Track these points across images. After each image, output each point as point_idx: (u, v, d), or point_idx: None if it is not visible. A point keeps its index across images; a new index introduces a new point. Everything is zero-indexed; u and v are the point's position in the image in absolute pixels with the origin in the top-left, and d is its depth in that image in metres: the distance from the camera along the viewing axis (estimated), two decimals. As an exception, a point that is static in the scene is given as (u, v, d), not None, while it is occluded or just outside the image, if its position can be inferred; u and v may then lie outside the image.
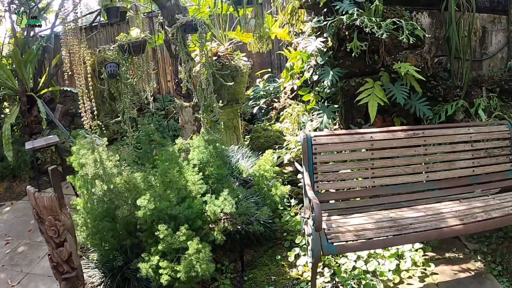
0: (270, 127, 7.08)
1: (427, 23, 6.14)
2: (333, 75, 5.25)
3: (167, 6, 5.24)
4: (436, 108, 5.92)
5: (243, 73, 6.80)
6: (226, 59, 6.85)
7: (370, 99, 5.27)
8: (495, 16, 6.67)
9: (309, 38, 5.56)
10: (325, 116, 5.39)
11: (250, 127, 7.92)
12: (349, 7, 5.27)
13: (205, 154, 4.83)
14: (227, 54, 6.90)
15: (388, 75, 5.44)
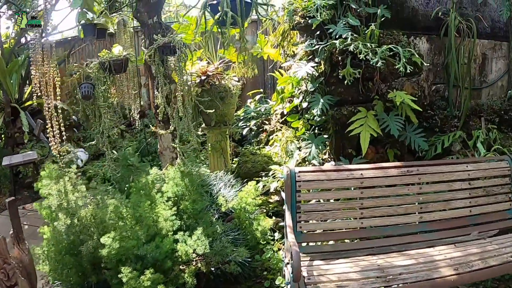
0: (259, 151, 6.56)
1: (425, 48, 5.62)
2: (323, 104, 4.73)
3: (148, 24, 4.73)
4: (432, 139, 5.41)
5: (233, 94, 6.30)
6: (216, 79, 6.34)
7: (363, 130, 4.75)
8: (496, 42, 6.17)
9: (300, 62, 5.05)
10: (313, 147, 4.87)
11: (239, 149, 7.39)
12: (343, 30, 4.75)
13: (180, 187, 4.31)
14: (217, 74, 6.39)
15: (382, 104, 4.93)
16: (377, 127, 4.77)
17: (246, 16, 4.67)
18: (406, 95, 4.83)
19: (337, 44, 4.60)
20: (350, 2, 5.03)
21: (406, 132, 5.03)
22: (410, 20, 5.57)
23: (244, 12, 4.54)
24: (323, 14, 4.89)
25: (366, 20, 5.22)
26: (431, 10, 5.66)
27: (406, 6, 5.57)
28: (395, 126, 4.77)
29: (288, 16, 5.13)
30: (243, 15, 4.56)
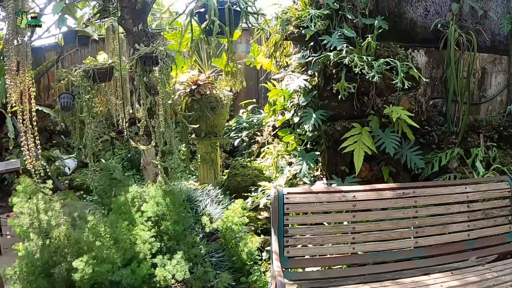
0: (250, 163, 6.22)
1: (423, 62, 5.30)
2: (315, 119, 4.40)
3: (133, 31, 4.40)
4: (429, 156, 5.09)
5: (224, 104, 5.96)
6: (207, 88, 6.00)
7: (357, 147, 4.43)
8: (496, 56, 5.85)
9: (292, 75, 4.72)
10: (304, 164, 4.53)
11: (230, 160, 7.05)
12: (338, 42, 4.43)
13: (161, 206, 3.97)
14: (208, 83, 6.06)
15: (378, 120, 4.60)
16: (371, 145, 4.45)
17: (235, 26, 4.34)
18: (402, 111, 4.52)
19: (332, 56, 4.28)
20: (346, 13, 4.71)
21: (402, 150, 4.71)
22: (408, 32, 5.25)
23: (233, 21, 4.22)
24: (317, 25, 4.57)
25: (363, 31, 4.91)
26: (430, 22, 5.34)
27: (404, 18, 5.24)
28: (391, 144, 4.45)
29: (281, 26, 4.80)
30: (232, 25, 4.23)
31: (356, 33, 4.86)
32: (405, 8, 5.25)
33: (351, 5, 4.81)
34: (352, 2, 4.81)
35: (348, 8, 4.78)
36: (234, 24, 4.27)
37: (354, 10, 4.85)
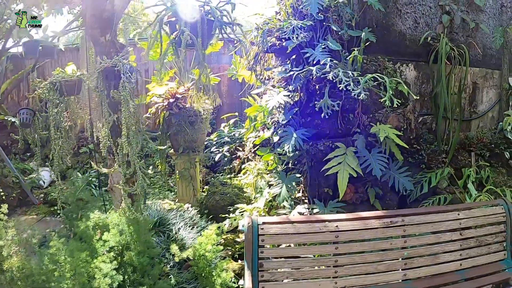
0: (230, 180, 5.75)
1: (412, 76, 4.86)
2: (296, 139, 3.93)
3: (100, 42, 3.91)
4: (418, 177, 4.64)
5: (203, 118, 5.49)
6: (186, 102, 5.53)
7: (340, 169, 3.97)
8: (488, 70, 5.44)
9: (272, 90, 4.24)
10: (284, 188, 4.05)
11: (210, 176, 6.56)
12: (321, 55, 3.98)
13: (125, 235, 3.48)
14: (187, 97, 5.59)
15: (364, 139, 4.15)
16: (357, 166, 3.99)
17: (208, 37, 3.87)
18: (390, 129, 4.07)
19: (314, 71, 3.82)
20: (331, 24, 4.26)
21: (389, 171, 4.25)
22: (397, 45, 4.81)
23: (205, 32, 3.74)
24: (300, 36, 4.12)
25: (349, 44, 4.46)
26: (419, 35, 4.90)
27: (393, 30, 4.80)
28: (378, 166, 3.99)
29: (261, 38, 4.34)
30: (205, 35, 3.76)
31: (342, 46, 4.42)
32: (394, 20, 4.81)
33: (337, 15, 4.36)
34: (338, 13, 4.36)
35: (333, 19, 4.33)
36: (207, 35, 3.80)
37: (340, 22, 4.40)
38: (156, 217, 4.64)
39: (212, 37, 3.97)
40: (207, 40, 3.82)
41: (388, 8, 4.76)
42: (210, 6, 3.78)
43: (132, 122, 3.55)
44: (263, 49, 4.48)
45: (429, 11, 5.01)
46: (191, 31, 3.67)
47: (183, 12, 3.65)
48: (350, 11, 4.39)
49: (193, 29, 3.69)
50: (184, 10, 3.67)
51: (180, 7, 3.66)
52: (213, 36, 3.97)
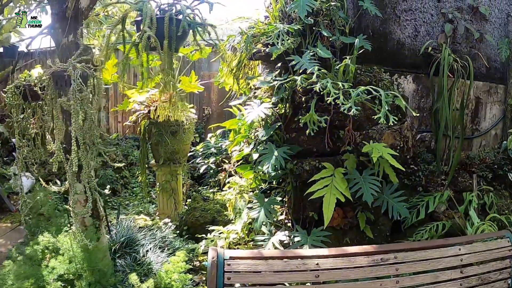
0: (213, 195, 5.10)
1: (411, 90, 4.20)
2: (277, 158, 3.28)
3: (62, 43, 3.28)
4: (414, 200, 3.99)
5: (185, 129, 4.85)
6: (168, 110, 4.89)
7: (327, 192, 3.32)
8: (492, 85, 4.77)
9: (253, 101, 3.58)
10: (262, 212, 3.39)
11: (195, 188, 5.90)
12: (309, 64, 3.33)
13: (75, 263, 2.84)
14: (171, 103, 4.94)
15: (355, 158, 3.51)
16: (345, 190, 3.34)
17: (178, 39, 3.21)
18: (385, 149, 3.42)
19: (299, 81, 3.17)
20: (321, 29, 3.60)
21: (382, 195, 3.59)
22: (394, 55, 4.16)
23: (173, 34, 3.09)
24: (286, 42, 3.46)
25: (342, 52, 3.82)
26: (419, 44, 4.25)
27: (391, 39, 4.15)
28: (370, 190, 3.34)
29: (245, 43, 3.69)
30: (172, 38, 3.11)
31: (334, 54, 3.78)
32: (392, 27, 4.16)
33: (328, 20, 3.72)
34: (330, 17, 3.72)
35: (325, 24, 3.69)
36: (177, 38, 3.15)
37: (332, 27, 3.75)
38: (124, 236, 4.00)
39: (183, 40, 3.32)
40: (176, 42, 3.17)
41: (385, 14, 4.11)
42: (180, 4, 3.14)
43: (86, 136, 2.90)
44: (247, 55, 3.83)
45: (431, 19, 4.35)
46: (158, 32, 3.03)
47: (150, 10, 3.01)
48: (343, 16, 3.74)
49: (160, 30, 3.05)
50: (151, 7, 3.03)
51: (146, 4, 3.02)
52: (183, 38, 3.32)
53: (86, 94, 2.85)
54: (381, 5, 4.07)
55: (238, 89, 4.00)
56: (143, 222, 4.61)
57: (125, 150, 6.53)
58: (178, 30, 3.16)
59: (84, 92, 2.85)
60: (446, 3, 4.45)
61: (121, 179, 6.11)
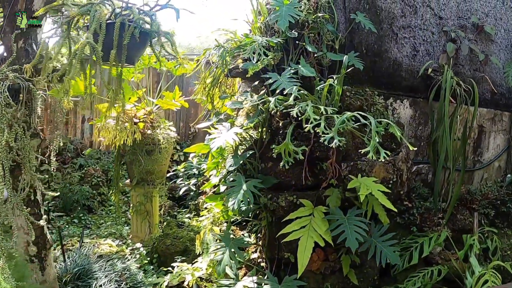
0: (190, 220, 4.39)
1: (407, 116, 3.49)
2: (245, 194, 2.56)
3: (12, 49, 2.61)
4: (407, 242, 3.27)
5: (162, 148, 4.15)
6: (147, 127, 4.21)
7: (304, 234, 2.60)
8: (496, 112, 4.06)
9: (220, 124, 2.87)
10: (227, 254, 2.66)
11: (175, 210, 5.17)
12: (288, 83, 2.63)
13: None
14: (148, 120, 4.26)
15: (339, 194, 2.79)
16: (326, 233, 2.62)
17: (132, 49, 2.51)
18: (375, 185, 2.70)
19: (272, 103, 2.46)
20: (306, 43, 2.89)
21: (370, 237, 2.86)
22: (390, 76, 3.45)
23: (122, 42, 2.39)
24: (266, 58, 2.77)
25: (330, 71, 3.12)
26: (418, 65, 3.54)
27: (387, 57, 3.44)
28: (354, 234, 2.61)
29: (221, 58, 2.99)
30: (122, 48, 2.41)
31: (321, 73, 3.08)
32: (388, 45, 3.45)
33: (315, 34, 3.03)
34: (317, 31, 3.01)
35: (311, 38, 2.99)
36: (131, 48, 2.46)
37: (319, 42, 3.05)
38: (79, 266, 3.30)
39: (138, 50, 2.62)
40: (130, 53, 2.48)
41: (381, 30, 3.41)
42: (131, 9, 2.44)
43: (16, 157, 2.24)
44: (223, 72, 3.13)
45: (431, 37, 3.65)
46: (106, 40, 2.34)
47: (98, 14, 2.32)
48: (332, 29, 3.04)
49: (109, 38, 2.36)
50: (101, 12, 2.35)
51: (95, 7, 2.34)
52: (139, 49, 2.62)
53: (18, 109, 2.18)
54: (377, 21, 3.37)
55: (212, 108, 3.29)
56: (108, 248, 3.91)
57: (106, 165, 5.84)
58: (142, 39, 2.47)
59: (14, 107, 2.18)
60: (449, 20, 3.75)
61: (99, 196, 5.43)
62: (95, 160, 6.07)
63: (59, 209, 5.14)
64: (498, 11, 4.07)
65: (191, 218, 4.57)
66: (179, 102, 4.53)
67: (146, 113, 4.33)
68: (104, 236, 4.66)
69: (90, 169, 5.61)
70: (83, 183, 5.44)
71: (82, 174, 5.56)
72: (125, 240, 4.54)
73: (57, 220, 4.97)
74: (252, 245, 3.19)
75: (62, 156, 5.95)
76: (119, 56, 2.41)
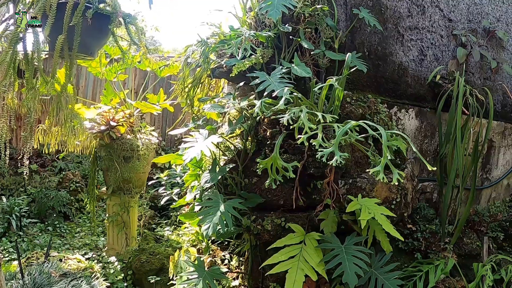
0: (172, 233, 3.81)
1: (413, 127, 2.93)
2: (223, 216, 1.98)
3: None
4: (410, 269, 2.70)
5: (140, 155, 3.56)
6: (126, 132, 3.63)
7: (292, 266, 2.04)
8: (507, 125, 3.51)
9: (197, 132, 2.30)
10: (200, 286, 2.08)
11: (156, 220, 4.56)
12: (278, 84, 2.07)
13: None
14: (127, 124, 3.68)
15: (336, 218, 2.23)
16: (319, 265, 2.05)
17: (88, 37, 1.93)
18: (378, 207, 2.15)
19: (258, 107, 1.89)
20: (301, 39, 2.33)
21: (370, 268, 2.28)
22: (395, 83, 2.89)
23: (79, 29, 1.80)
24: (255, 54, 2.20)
25: (328, 73, 2.55)
26: (426, 71, 2.99)
27: (391, 61, 2.89)
28: (353, 268, 2.04)
29: (202, 56, 2.42)
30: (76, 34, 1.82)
31: (317, 75, 2.53)
32: (393, 47, 2.90)
33: (312, 29, 2.46)
34: (314, 25, 2.45)
35: (306, 34, 2.42)
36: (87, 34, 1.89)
37: (316, 38, 2.49)
38: (37, 285, 2.71)
39: (96, 38, 2.05)
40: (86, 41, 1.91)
41: (386, 31, 2.86)
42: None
43: None
44: (205, 71, 2.56)
45: (440, 41, 3.10)
46: (56, 24, 1.77)
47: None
48: (332, 24, 2.48)
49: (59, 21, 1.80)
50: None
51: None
52: (98, 37, 2.05)
53: None
54: (381, 20, 2.82)
55: (192, 113, 2.72)
56: (76, 263, 3.31)
57: (86, 170, 5.25)
58: (101, 24, 1.90)
59: None
60: (459, 23, 3.20)
61: (76, 202, 4.83)
62: (76, 164, 5.46)
63: (34, 215, 4.53)
64: (510, 16, 3.54)
65: (172, 231, 3.98)
66: (163, 105, 3.96)
67: (125, 116, 3.75)
68: (78, 247, 4.06)
69: (69, 174, 5.01)
70: (60, 188, 4.84)
71: (60, 179, 4.96)
72: (100, 252, 3.94)
73: (30, 228, 4.37)
74: (233, 272, 2.61)
75: (41, 158, 5.35)
76: (70, 45, 1.84)
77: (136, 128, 3.76)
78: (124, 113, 3.74)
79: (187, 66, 2.61)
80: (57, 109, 2.11)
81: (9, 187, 4.91)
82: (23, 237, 4.22)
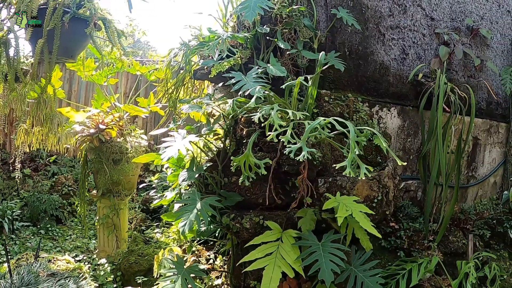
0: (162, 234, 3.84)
1: (395, 126, 2.95)
2: (200, 213, 2.00)
3: None
4: (393, 268, 2.71)
5: (130, 158, 3.60)
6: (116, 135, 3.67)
7: (269, 263, 2.06)
8: (492, 123, 3.53)
9: (176, 133, 2.33)
10: (178, 284, 2.10)
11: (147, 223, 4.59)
12: (254, 83, 2.10)
13: None
14: (117, 127, 3.72)
15: (314, 215, 2.25)
16: (296, 262, 2.07)
17: (68, 40, 1.96)
18: (356, 205, 2.17)
19: (229, 106, 1.92)
20: (278, 40, 2.36)
21: (350, 266, 2.30)
22: (376, 82, 2.91)
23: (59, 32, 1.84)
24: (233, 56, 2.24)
25: (308, 72, 2.58)
26: (408, 70, 3.02)
27: (372, 60, 2.91)
28: (330, 265, 2.06)
29: (184, 58, 2.46)
30: (56, 37, 1.86)
31: (296, 75, 2.55)
32: (374, 46, 2.93)
33: (290, 30, 2.49)
34: (291, 26, 2.48)
35: (284, 34, 2.46)
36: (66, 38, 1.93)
37: (295, 40, 2.52)
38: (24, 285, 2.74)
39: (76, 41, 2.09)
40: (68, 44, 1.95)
41: (367, 30, 2.89)
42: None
43: None
44: (187, 72, 2.60)
45: (422, 39, 3.13)
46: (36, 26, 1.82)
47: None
48: (309, 24, 2.52)
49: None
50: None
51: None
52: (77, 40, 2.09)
53: None
54: (362, 19, 2.85)
55: (175, 114, 2.75)
56: (65, 264, 3.35)
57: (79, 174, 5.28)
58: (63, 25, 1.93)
59: None
60: (441, 22, 3.23)
61: (69, 206, 4.87)
62: (69, 168, 5.50)
63: (26, 219, 4.58)
64: (494, 14, 3.57)
65: (162, 232, 4.01)
66: (153, 108, 4.00)
67: (115, 119, 3.80)
68: (69, 249, 4.10)
69: (61, 178, 5.06)
70: (53, 191, 4.88)
71: (53, 183, 5.00)
72: (91, 254, 3.97)
73: (23, 231, 4.41)
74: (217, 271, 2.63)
75: (35, 162, 5.40)
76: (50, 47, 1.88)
77: (126, 131, 3.80)
78: (114, 116, 3.78)
79: (170, 69, 2.65)
80: (37, 109, 2.15)
81: (2, 191, 4.96)
82: (15, 240, 4.26)
